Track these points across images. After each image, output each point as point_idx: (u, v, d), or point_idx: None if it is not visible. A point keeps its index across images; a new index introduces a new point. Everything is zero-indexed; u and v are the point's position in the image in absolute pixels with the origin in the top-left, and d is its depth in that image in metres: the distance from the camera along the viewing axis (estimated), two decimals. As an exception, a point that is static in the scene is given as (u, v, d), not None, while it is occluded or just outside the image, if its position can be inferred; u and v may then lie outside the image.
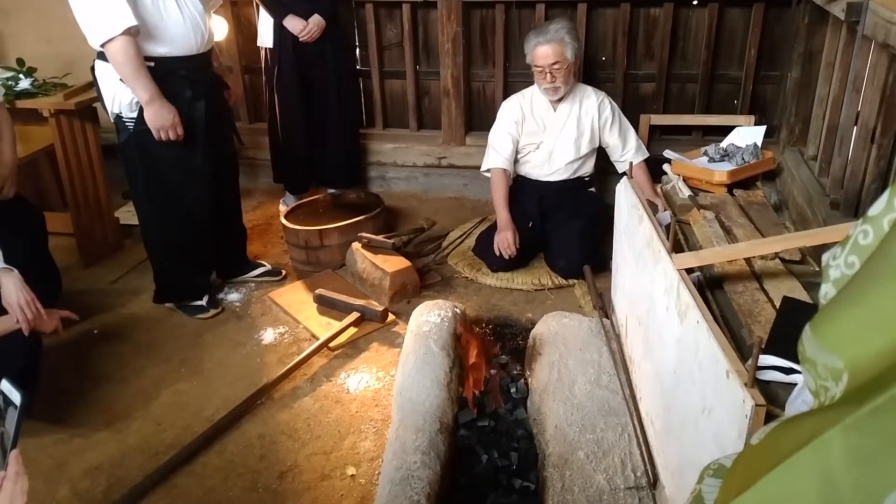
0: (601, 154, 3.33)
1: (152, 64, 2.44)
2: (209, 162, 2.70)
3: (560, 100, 3.14)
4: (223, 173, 2.88)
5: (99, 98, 2.61)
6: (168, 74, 2.49)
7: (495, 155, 3.20)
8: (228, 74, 2.95)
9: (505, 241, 3.02)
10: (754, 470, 0.68)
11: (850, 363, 0.63)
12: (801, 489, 0.62)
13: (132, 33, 2.34)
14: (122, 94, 2.49)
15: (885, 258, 0.62)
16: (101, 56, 2.48)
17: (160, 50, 2.47)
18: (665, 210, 2.80)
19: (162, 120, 2.46)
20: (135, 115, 2.51)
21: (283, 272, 3.20)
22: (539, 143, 3.20)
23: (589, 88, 3.22)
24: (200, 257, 2.87)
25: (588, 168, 3.29)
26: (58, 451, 2.20)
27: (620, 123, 3.22)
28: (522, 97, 3.22)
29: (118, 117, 2.55)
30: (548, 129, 3.18)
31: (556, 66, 2.99)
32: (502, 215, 3.10)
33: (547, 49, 2.97)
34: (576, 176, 3.26)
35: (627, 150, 3.21)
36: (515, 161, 3.27)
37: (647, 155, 3.26)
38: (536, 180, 3.26)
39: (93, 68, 2.56)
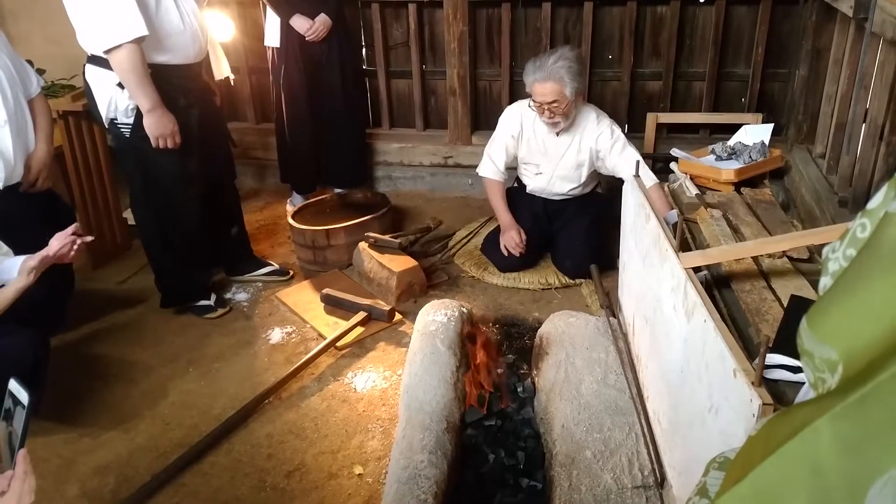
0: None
1: (149, 71, 2.44)
2: (203, 167, 2.72)
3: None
4: (220, 175, 2.91)
5: (90, 102, 2.59)
6: (163, 82, 2.49)
7: (490, 164, 3.17)
8: (215, 82, 3.01)
9: (511, 241, 3.01)
10: (750, 460, 0.68)
11: (845, 354, 0.64)
12: (792, 477, 0.62)
13: (139, 42, 2.35)
14: (118, 99, 2.49)
15: (876, 250, 0.62)
16: (93, 60, 2.48)
17: (159, 58, 2.48)
18: (672, 209, 2.79)
19: (162, 128, 2.47)
20: (130, 120, 2.52)
21: (291, 272, 3.21)
22: (539, 168, 3.13)
23: (593, 115, 3.01)
24: (198, 259, 2.90)
25: (591, 186, 3.23)
26: (67, 450, 2.21)
27: (623, 150, 2.96)
28: (526, 110, 3.03)
29: (112, 122, 2.55)
30: (549, 153, 3.07)
31: (553, 104, 2.82)
32: (503, 217, 3.09)
33: (544, 87, 2.79)
34: (581, 195, 3.19)
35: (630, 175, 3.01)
36: (519, 170, 3.26)
37: (655, 181, 2.87)
38: (539, 196, 3.23)
39: (84, 72, 2.55)
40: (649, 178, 2.91)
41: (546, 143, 3.07)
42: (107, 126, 2.58)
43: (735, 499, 0.67)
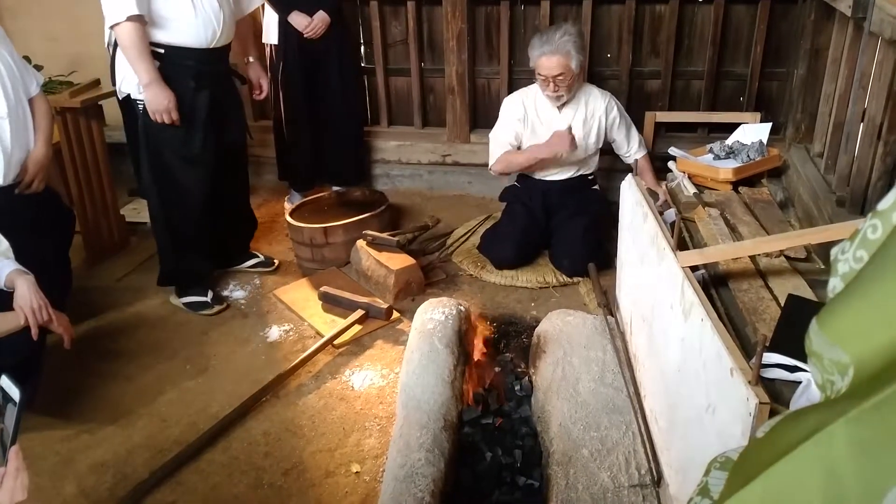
0: (606, 152, 3.32)
1: (162, 51, 2.59)
2: (209, 151, 2.77)
3: (565, 103, 3.11)
4: (229, 165, 2.93)
5: (112, 77, 2.74)
6: (175, 63, 2.61)
7: (499, 147, 3.17)
8: (262, 74, 3.11)
9: (561, 136, 2.98)
10: (759, 462, 0.68)
11: (856, 357, 0.63)
12: (805, 481, 0.62)
13: (137, 20, 2.45)
14: (132, 75, 2.59)
15: (891, 253, 0.62)
16: None
17: (170, 39, 2.59)
18: (668, 205, 2.79)
19: (157, 104, 2.56)
20: (143, 97, 2.62)
21: (276, 262, 3.24)
22: None
23: (594, 89, 3.17)
24: (199, 243, 2.91)
25: (592, 165, 3.28)
26: (64, 447, 2.21)
27: (626, 122, 3.21)
28: (526, 95, 3.17)
29: (128, 97, 2.67)
30: (553, 129, 3.13)
31: (559, 78, 2.93)
32: (537, 150, 3.06)
33: (551, 60, 2.90)
34: (580, 174, 3.25)
35: (631, 147, 3.24)
36: None
37: (648, 149, 3.31)
38: (540, 179, 3.25)
39: (111, 47, 2.68)
40: (643, 149, 3.26)
41: (550, 122, 3.13)
42: (124, 99, 2.70)
43: (743, 502, 0.67)
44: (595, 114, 3.14)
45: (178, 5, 2.56)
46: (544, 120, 3.15)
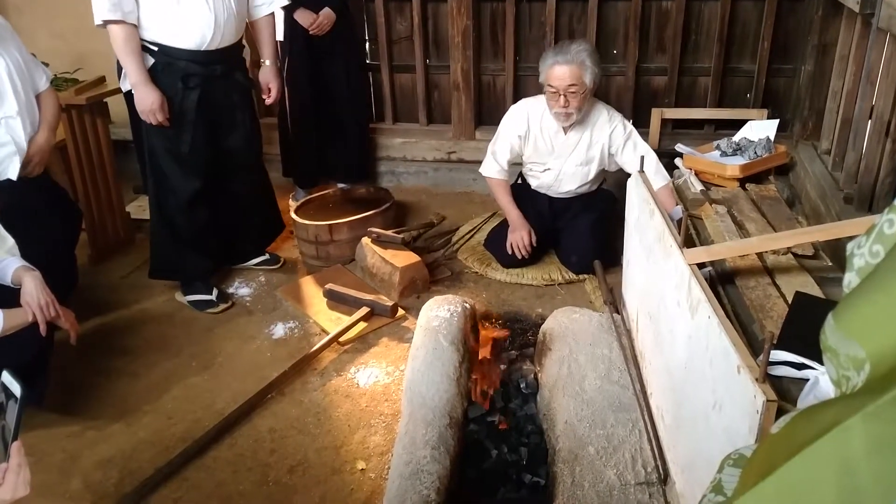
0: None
1: (155, 48, 2.60)
2: (198, 153, 2.76)
3: (572, 125, 2.98)
4: (231, 166, 2.92)
5: (118, 70, 2.78)
6: (166, 62, 2.62)
7: (493, 163, 3.12)
8: (272, 78, 3.04)
9: (520, 240, 2.97)
10: (773, 458, 0.67)
11: (873, 352, 0.63)
12: (820, 477, 0.61)
13: (122, 21, 2.49)
14: None
15: None
16: None
17: (160, 39, 2.60)
18: (677, 205, 2.78)
19: (143, 104, 2.60)
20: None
21: (281, 259, 3.24)
22: (546, 167, 3.10)
23: (604, 112, 3.00)
24: (194, 241, 2.89)
25: (598, 184, 3.21)
26: (70, 443, 2.21)
27: (636, 147, 2.97)
28: (532, 109, 3.03)
29: (129, 93, 2.69)
30: (556, 151, 3.04)
31: (571, 90, 2.79)
32: (512, 213, 3.05)
33: (564, 70, 2.77)
34: (587, 193, 3.18)
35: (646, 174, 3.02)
36: (524, 169, 3.25)
37: (668, 179, 2.96)
38: (544, 194, 3.21)
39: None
40: (662, 177, 2.92)
41: (553, 142, 3.04)
42: (128, 94, 2.74)
43: (757, 498, 0.66)
44: (599, 140, 3.00)
45: (167, 8, 2.54)
46: (548, 137, 3.04)
